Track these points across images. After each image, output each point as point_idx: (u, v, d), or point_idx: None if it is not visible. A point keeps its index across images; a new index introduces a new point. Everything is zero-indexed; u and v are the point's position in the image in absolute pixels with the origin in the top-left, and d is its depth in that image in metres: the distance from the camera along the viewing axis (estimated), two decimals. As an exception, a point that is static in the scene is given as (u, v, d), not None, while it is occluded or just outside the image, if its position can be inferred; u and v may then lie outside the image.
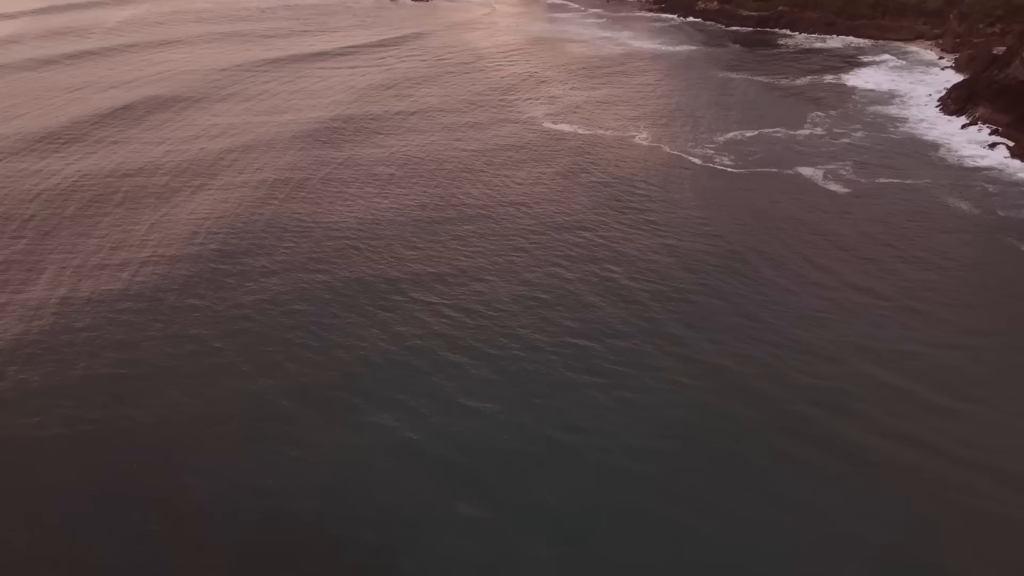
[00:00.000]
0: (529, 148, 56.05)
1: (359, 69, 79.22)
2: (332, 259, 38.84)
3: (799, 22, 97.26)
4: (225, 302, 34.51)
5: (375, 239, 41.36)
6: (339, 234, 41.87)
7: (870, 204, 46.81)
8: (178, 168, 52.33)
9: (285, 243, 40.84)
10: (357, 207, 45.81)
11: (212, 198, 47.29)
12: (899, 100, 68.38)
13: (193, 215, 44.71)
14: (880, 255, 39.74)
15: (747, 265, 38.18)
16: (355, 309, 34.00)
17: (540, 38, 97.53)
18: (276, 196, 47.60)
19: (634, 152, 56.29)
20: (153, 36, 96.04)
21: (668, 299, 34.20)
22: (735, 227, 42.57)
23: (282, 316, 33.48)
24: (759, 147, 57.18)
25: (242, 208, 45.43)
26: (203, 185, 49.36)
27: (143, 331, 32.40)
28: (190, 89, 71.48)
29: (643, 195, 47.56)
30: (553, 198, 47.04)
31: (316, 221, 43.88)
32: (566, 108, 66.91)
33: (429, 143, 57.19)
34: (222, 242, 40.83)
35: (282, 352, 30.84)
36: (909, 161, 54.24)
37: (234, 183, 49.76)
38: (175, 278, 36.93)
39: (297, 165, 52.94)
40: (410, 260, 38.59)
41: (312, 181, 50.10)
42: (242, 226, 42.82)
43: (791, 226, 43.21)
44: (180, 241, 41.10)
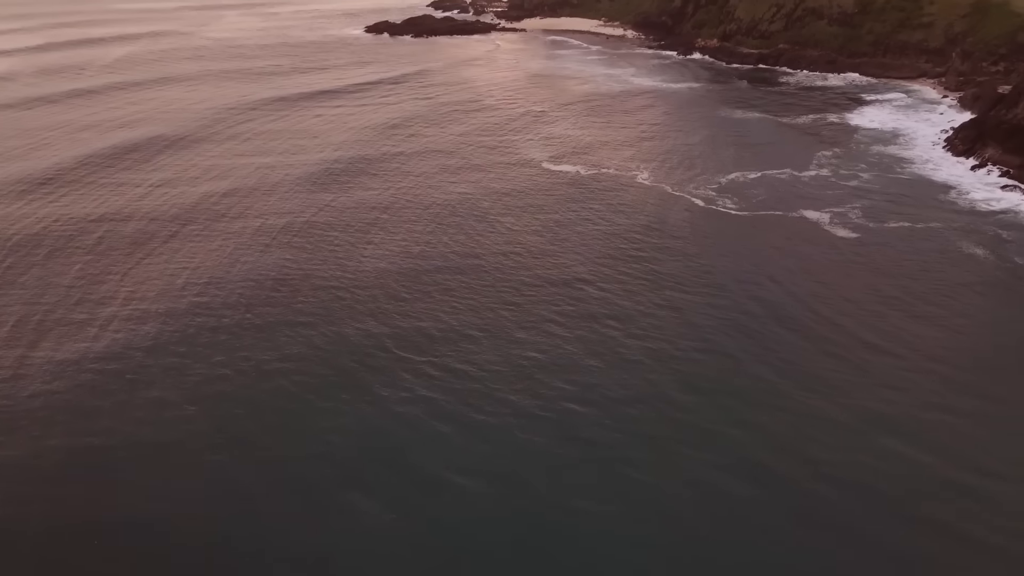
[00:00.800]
0: (526, 193, 54.25)
1: (357, 108, 78.17)
2: (314, 311, 36.91)
3: (800, 60, 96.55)
4: (198, 361, 32.48)
5: (359, 289, 39.46)
6: (322, 283, 40.01)
7: (879, 251, 44.97)
8: (165, 213, 50.57)
9: (266, 293, 38.95)
10: (342, 254, 43.99)
11: (196, 246, 45.43)
12: (904, 139, 66.99)
13: (172, 264, 42.78)
14: (891, 308, 37.76)
15: (753, 319, 36.20)
16: (336, 369, 31.96)
17: (540, 75, 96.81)
18: (259, 243, 45.81)
19: (636, 194, 54.68)
20: (150, 74, 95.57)
21: (670, 359, 32.16)
22: (739, 277, 40.68)
23: (258, 379, 31.42)
24: (763, 188, 55.59)
25: (223, 257, 43.52)
26: (191, 232, 47.44)
27: (106, 395, 30.25)
28: (186, 129, 70.41)
29: (644, 242, 45.77)
30: (549, 247, 45.21)
31: (300, 268, 42.06)
32: (566, 148, 65.56)
33: (422, 187, 55.55)
34: (200, 293, 38.87)
35: (254, 421, 28.73)
36: (918, 204, 52.54)
37: (221, 230, 47.96)
38: (146, 334, 34.86)
39: (287, 209, 51.27)
40: (395, 314, 36.65)
41: (299, 226, 48.31)
42: (222, 276, 40.86)
43: (798, 276, 41.33)
44: (155, 294, 39.05)
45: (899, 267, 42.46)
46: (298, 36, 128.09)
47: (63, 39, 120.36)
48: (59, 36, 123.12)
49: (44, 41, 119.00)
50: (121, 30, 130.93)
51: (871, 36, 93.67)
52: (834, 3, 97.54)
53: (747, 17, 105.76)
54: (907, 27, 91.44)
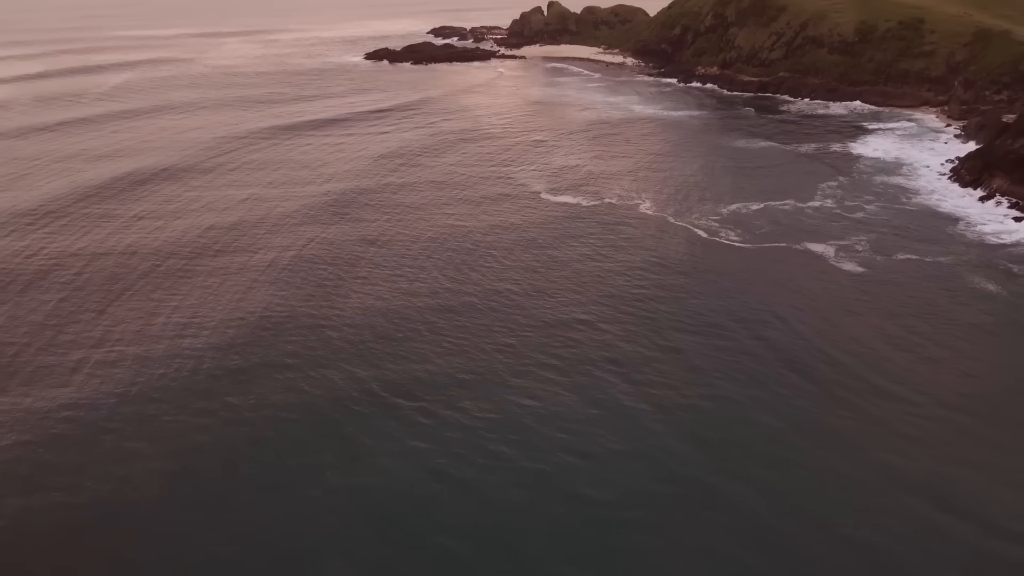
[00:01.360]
0: (523, 226, 52.78)
1: (353, 137, 77.14)
2: (299, 352, 35.28)
3: (800, 88, 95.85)
4: (174, 410, 30.85)
5: (347, 327, 37.93)
6: (308, 322, 38.39)
7: (888, 286, 43.54)
8: (148, 247, 49.14)
9: (250, 333, 37.32)
10: (330, 289, 42.44)
11: (178, 282, 43.74)
12: (908, 169, 65.85)
13: (151, 303, 40.96)
14: (901, 349, 36.28)
15: (758, 362, 34.64)
16: (320, 417, 30.31)
17: (540, 103, 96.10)
18: (245, 279, 44.23)
19: (637, 226, 53.39)
20: (146, 102, 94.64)
21: (672, 408, 30.53)
22: (744, 316, 39.18)
23: (237, 429, 29.73)
24: (765, 219, 54.32)
25: (206, 294, 41.83)
26: (173, 267, 45.96)
27: (72, 447, 28.46)
28: (178, 159, 69.11)
29: (645, 279, 44.34)
30: (545, 285, 43.73)
31: (286, 306, 40.47)
32: (565, 177, 64.41)
33: (415, 220, 54.13)
34: (179, 335, 37.14)
35: (230, 478, 26.99)
36: (927, 237, 51.19)
37: (206, 265, 46.33)
38: (119, 379, 33.11)
39: (275, 244, 49.73)
40: (384, 355, 35.04)
41: (286, 261, 46.77)
42: (204, 315, 39.14)
43: (804, 314, 39.86)
44: (132, 335, 37.33)
45: (908, 304, 40.99)
46: (297, 63, 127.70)
47: (61, 66, 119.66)
48: (57, 63, 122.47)
49: (43, 68, 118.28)
50: (120, 57, 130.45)
51: (872, 65, 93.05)
52: (834, 32, 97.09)
53: (747, 45, 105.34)
54: (908, 56, 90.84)
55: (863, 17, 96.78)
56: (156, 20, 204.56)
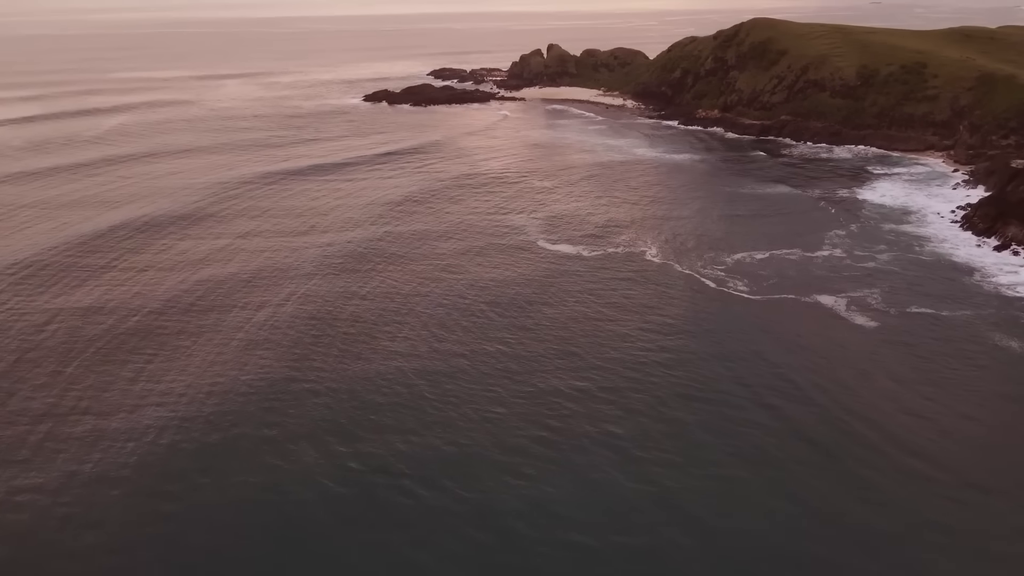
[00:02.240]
0: (521, 281, 50.17)
1: (350, 185, 74.84)
2: (278, 423, 32.78)
3: (803, 131, 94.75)
4: (153, 496, 28.29)
5: (328, 393, 35.51)
6: (289, 388, 35.78)
7: (903, 346, 41.35)
8: (137, 306, 46.23)
9: (239, 406, 34.81)
10: (314, 352, 39.90)
11: (167, 345, 40.99)
12: (918, 216, 64.12)
13: (138, 369, 38.34)
14: (922, 419, 33.98)
15: (771, 437, 32.25)
16: (289, 503, 27.73)
17: (540, 145, 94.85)
18: (237, 342, 41.68)
19: (641, 276, 51.39)
20: (141, 147, 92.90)
21: (687, 474, 28.03)
22: (755, 382, 36.83)
23: (220, 520, 27.18)
24: (773, 269, 52.37)
25: (196, 359, 39.19)
26: (163, 328, 43.11)
27: (34, 539, 25.82)
28: (174, 208, 66.63)
29: (649, 340, 42.08)
30: (541, 347, 41.35)
31: (278, 371, 38.02)
32: (567, 225, 62.50)
33: (408, 275, 51.46)
34: (164, 404, 34.58)
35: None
36: (941, 289, 49.16)
37: (195, 326, 43.65)
38: (96, 459, 30.29)
39: (265, 301, 47.10)
40: (365, 428, 32.52)
41: (280, 320, 44.20)
42: (192, 384, 36.47)
43: (817, 378, 37.59)
44: (114, 406, 34.63)
45: (926, 366, 38.75)
46: (294, 105, 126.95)
47: (57, 109, 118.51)
48: (53, 106, 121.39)
49: (38, 111, 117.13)
50: (117, 100, 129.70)
51: (875, 108, 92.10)
52: (836, 76, 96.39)
53: (748, 89, 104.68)
54: (912, 100, 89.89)
55: (864, 61, 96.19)
56: (157, 62, 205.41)
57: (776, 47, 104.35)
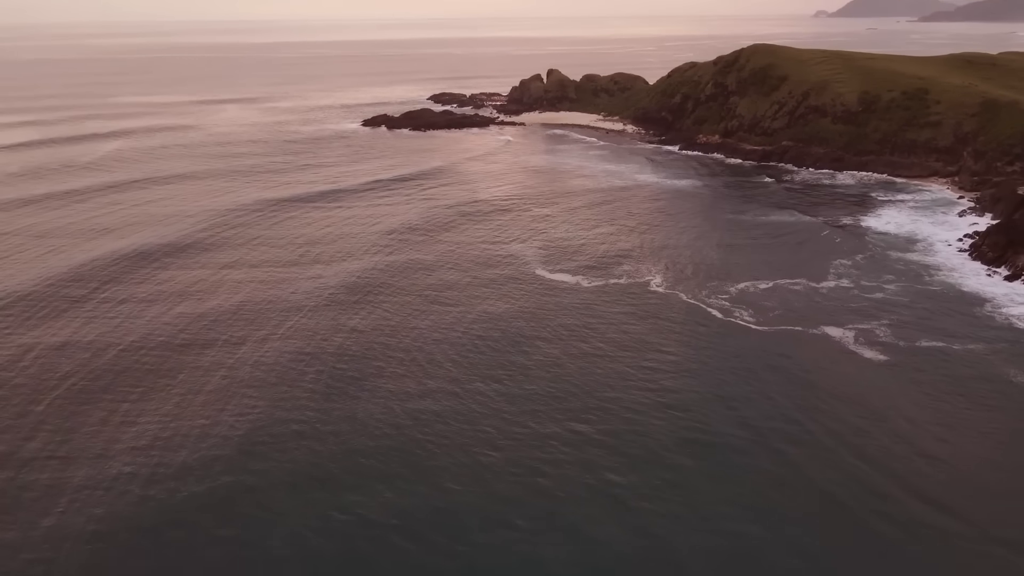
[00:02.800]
0: (519, 315, 48.42)
1: (346, 214, 73.03)
2: (267, 472, 31.21)
3: (805, 157, 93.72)
4: (120, 563, 26.50)
5: (312, 438, 33.83)
6: (276, 432, 34.11)
7: (915, 379, 39.83)
8: (137, 343, 44.00)
9: (222, 452, 33.25)
10: (303, 392, 38.27)
11: (147, 387, 38.96)
12: (924, 245, 62.75)
13: (114, 415, 36.11)
14: (939, 462, 32.49)
15: (785, 467, 30.78)
16: (288, 550, 26.20)
17: (540, 171, 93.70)
18: (222, 384, 40.15)
19: (644, 306, 49.99)
20: (138, 172, 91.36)
21: (693, 528, 26.32)
22: (763, 426, 35.20)
23: None
24: (778, 300, 50.95)
25: (178, 404, 37.26)
26: (144, 367, 41.12)
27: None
28: (168, 236, 64.67)
29: (654, 369, 40.61)
30: (540, 376, 39.90)
31: (259, 412, 36.44)
32: (568, 253, 61.03)
33: (402, 309, 49.61)
34: (139, 459, 32.54)
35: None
36: (952, 321, 47.67)
37: (176, 364, 42.11)
38: (57, 512, 28.33)
39: (247, 336, 45.26)
40: (346, 476, 30.82)
41: (266, 362, 42.26)
42: (172, 433, 34.42)
43: (829, 411, 36.13)
44: (82, 451, 32.61)
45: (939, 405, 37.18)
46: (293, 130, 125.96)
47: (54, 134, 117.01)
48: (50, 131, 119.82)
49: (35, 136, 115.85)
50: (116, 125, 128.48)
51: (877, 134, 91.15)
52: (837, 101, 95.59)
53: (749, 114, 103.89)
54: (914, 126, 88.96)
55: (865, 87, 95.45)
56: (157, 87, 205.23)
57: (776, 73, 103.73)
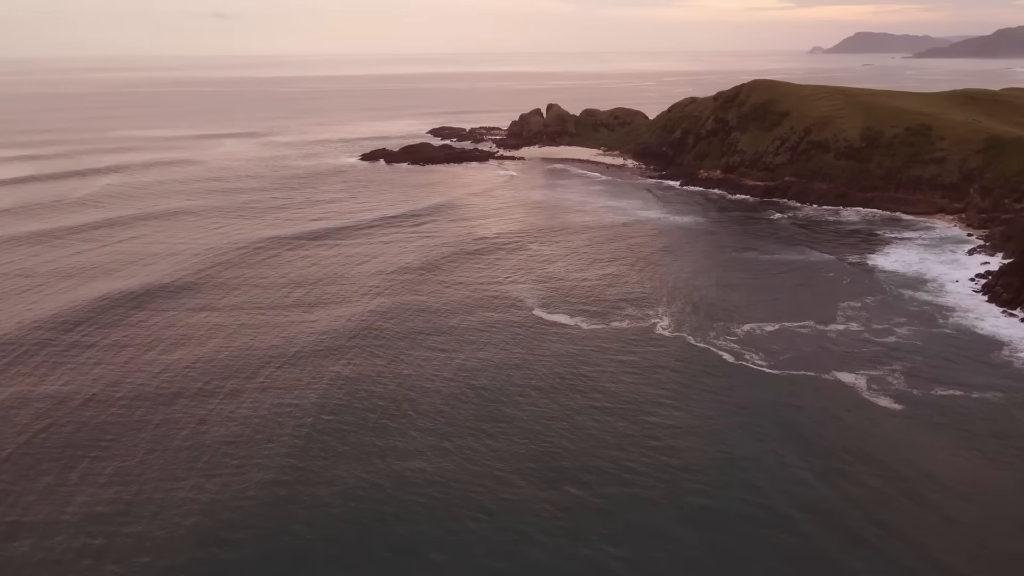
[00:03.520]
0: (516, 363, 46.27)
1: (343, 253, 70.53)
2: (238, 560, 29.22)
3: (808, 193, 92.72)
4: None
5: (298, 483, 32.21)
6: (254, 505, 32.05)
7: (933, 432, 38.19)
8: (122, 394, 41.93)
9: (165, 538, 31.40)
10: (297, 447, 36.46)
11: (128, 448, 36.62)
12: (935, 285, 61.26)
13: (89, 480, 33.72)
14: (967, 519, 30.71)
15: (801, 540, 28.85)
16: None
17: (540, 207, 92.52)
18: (192, 447, 38.56)
19: (650, 349, 48.37)
20: (131, 209, 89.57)
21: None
22: (777, 472, 33.58)
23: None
24: (787, 342, 49.43)
25: (161, 467, 35.33)
26: (126, 424, 38.92)
27: None
28: (160, 276, 62.41)
29: (658, 420, 38.83)
30: (536, 428, 37.99)
31: (241, 477, 34.67)
32: (568, 293, 59.39)
33: (396, 355, 47.42)
34: (115, 535, 30.96)
35: None
36: (968, 367, 46.04)
37: (159, 420, 40.24)
38: None
39: (238, 389, 43.29)
40: (336, 514, 29.18)
41: (234, 414, 40.88)
42: (147, 501, 32.60)
43: (844, 472, 34.40)
44: (50, 518, 30.50)
45: (962, 462, 35.48)
46: (290, 165, 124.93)
47: (51, 169, 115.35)
48: (47, 166, 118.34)
49: (31, 171, 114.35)
50: (114, 160, 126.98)
51: (881, 170, 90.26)
52: (840, 137, 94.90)
53: (750, 149, 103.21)
54: (919, 162, 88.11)
55: (868, 123, 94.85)
56: (157, 121, 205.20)
57: (778, 108, 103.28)
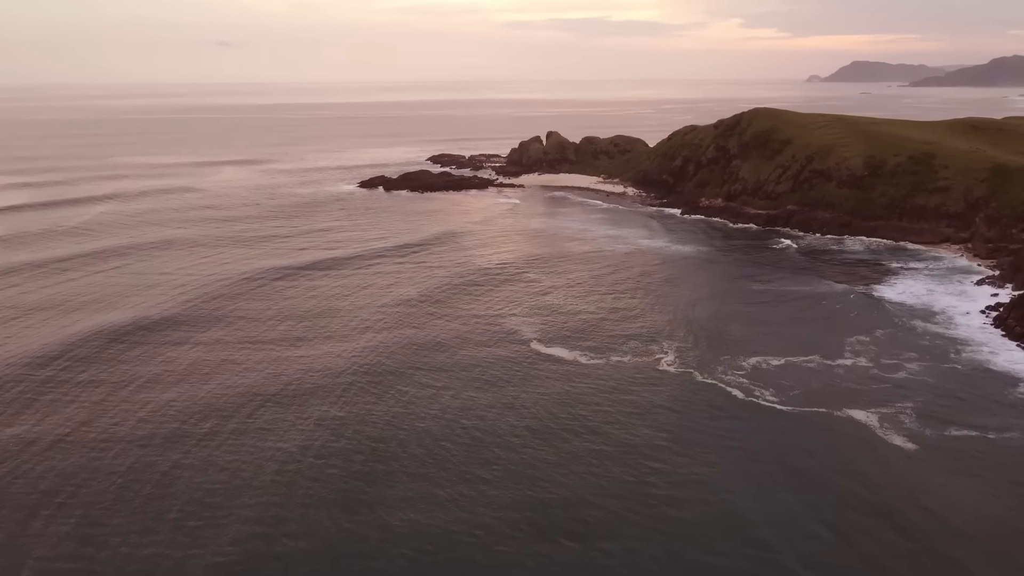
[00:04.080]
0: (513, 404, 44.48)
1: (338, 284, 68.91)
2: None
3: (811, 221, 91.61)
4: None
5: (277, 537, 30.37)
6: (228, 549, 30.70)
7: (949, 477, 36.63)
8: (100, 441, 39.86)
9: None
10: (267, 490, 34.97)
11: (111, 511, 35.35)
12: (944, 317, 59.78)
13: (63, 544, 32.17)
14: (989, 571, 28.84)
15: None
16: None
17: (540, 236, 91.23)
18: (165, 513, 36.85)
19: (653, 386, 46.77)
20: (124, 238, 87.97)
21: None
22: (789, 528, 31.82)
23: None
24: (795, 378, 47.98)
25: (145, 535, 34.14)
26: (108, 474, 37.66)
27: None
28: (148, 310, 60.39)
29: (661, 467, 37.12)
30: (532, 474, 36.28)
31: (222, 539, 32.96)
32: (568, 327, 57.76)
33: (390, 396, 45.45)
34: None
35: None
36: (983, 405, 44.50)
37: (148, 475, 39.05)
38: None
39: (215, 430, 42.36)
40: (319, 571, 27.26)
41: (224, 464, 39.55)
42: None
43: (865, 523, 32.71)
44: None
45: (984, 510, 33.86)
46: (289, 192, 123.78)
47: (46, 197, 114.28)
48: (42, 194, 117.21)
49: (26, 199, 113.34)
50: (111, 187, 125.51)
51: (884, 199, 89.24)
52: (842, 165, 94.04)
53: (752, 178, 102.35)
54: (923, 191, 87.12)
55: (871, 152, 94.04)
56: (156, 148, 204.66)
57: (779, 137, 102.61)
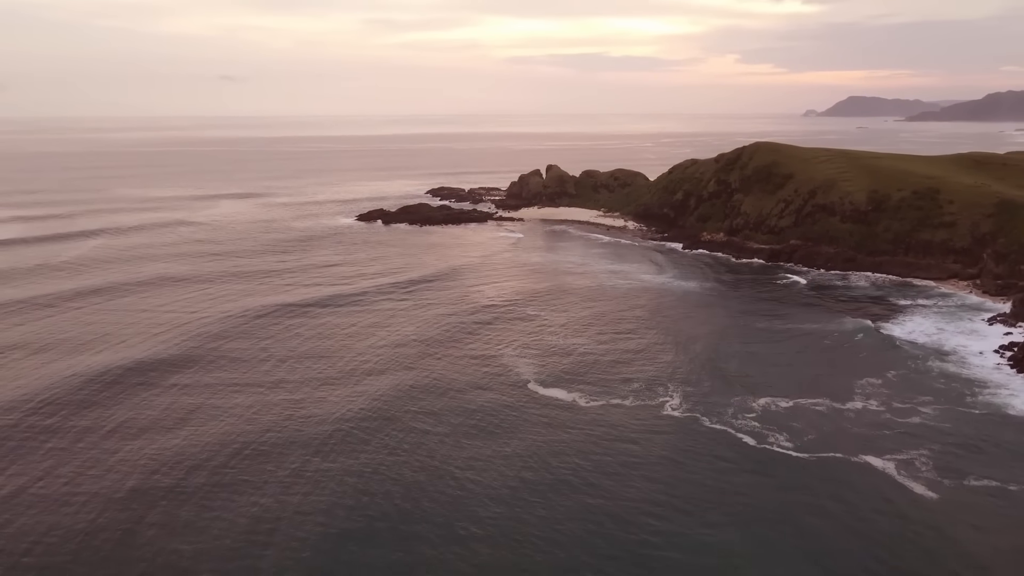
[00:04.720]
0: (509, 456, 42.39)
1: (331, 323, 67.04)
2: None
3: (815, 256, 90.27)
4: None
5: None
6: None
7: (974, 535, 34.81)
8: (99, 492, 38.02)
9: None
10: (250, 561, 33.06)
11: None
12: (957, 357, 58.03)
13: None
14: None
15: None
16: None
17: (540, 271, 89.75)
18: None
19: (656, 435, 44.86)
20: (118, 274, 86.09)
21: None
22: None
23: None
24: (805, 422, 46.26)
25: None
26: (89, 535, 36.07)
27: None
28: (135, 353, 58.19)
29: (660, 526, 35.21)
30: (517, 534, 34.34)
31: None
32: (569, 367, 55.99)
33: (381, 446, 43.38)
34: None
35: None
36: (1003, 452, 42.74)
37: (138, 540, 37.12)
38: None
39: (199, 485, 40.59)
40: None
41: (206, 522, 37.68)
42: None
43: None
44: None
45: (1009, 569, 31.76)
46: (286, 226, 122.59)
47: (39, 232, 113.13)
48: (37, 228, 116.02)
49: (20, 233, 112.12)
50: (107, 220, 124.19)
51: (889, 234, 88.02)
52: (845, 200, 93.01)
53: (754, 212, 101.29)
54: (928, 226, 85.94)
55: (874, 186, 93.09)
56: (156, 181, 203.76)
57: (781, 171, 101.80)
